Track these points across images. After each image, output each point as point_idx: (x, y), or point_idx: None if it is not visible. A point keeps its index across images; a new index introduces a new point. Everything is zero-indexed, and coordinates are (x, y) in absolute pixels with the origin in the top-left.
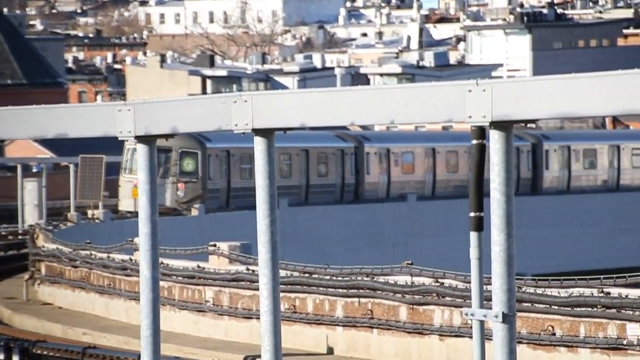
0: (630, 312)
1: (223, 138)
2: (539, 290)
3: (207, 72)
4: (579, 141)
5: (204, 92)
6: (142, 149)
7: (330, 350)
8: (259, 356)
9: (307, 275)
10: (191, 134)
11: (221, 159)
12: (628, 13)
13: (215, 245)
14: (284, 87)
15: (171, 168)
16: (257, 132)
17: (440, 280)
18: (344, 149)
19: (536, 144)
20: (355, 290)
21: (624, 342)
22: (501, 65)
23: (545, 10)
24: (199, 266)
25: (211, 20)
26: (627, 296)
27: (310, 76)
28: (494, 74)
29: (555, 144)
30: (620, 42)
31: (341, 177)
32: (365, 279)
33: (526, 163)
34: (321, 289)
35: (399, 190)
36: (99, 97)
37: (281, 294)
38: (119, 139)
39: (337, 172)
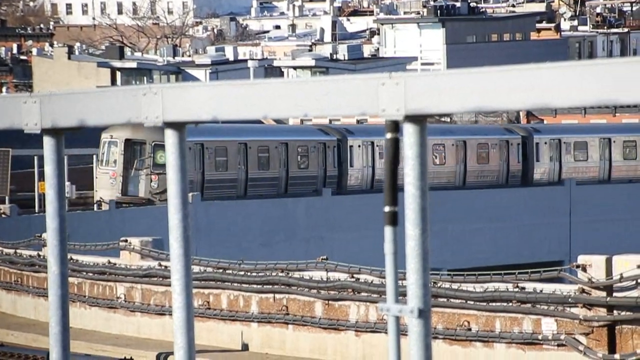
0: (545, 307)
1: (198, 132)
2: (455, 286)
3: (117, 64)
4: (570, 134)
5: (113, 84)
6: (48, 142)
7: (245, 347)
8: (172, 353)
9: (221, 270)
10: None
11: (195, 152)
12: (541, 7)
13: (126, 241)
14: (195, 79)
15: (145, 160)
16: (168, 125)
17: (355, 275)
18: (327, 142)
19: (527, 137)
20: (270, 286)
21: (539, 337)
22: (415, 58)
23: (458, 4)
24: (110, 262)
25: (120, 12)
26: (541, 291)
27: (223, 69)
28: (408, 67)
29: (546, 137)
30: (533, 36)
31: (323, 170)
32: (280, 274)
33: (516, 156)
34: (235, 284)
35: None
36: (4, 89)
37: (195, 290)
38: (25, 131)
39: (319, 164)
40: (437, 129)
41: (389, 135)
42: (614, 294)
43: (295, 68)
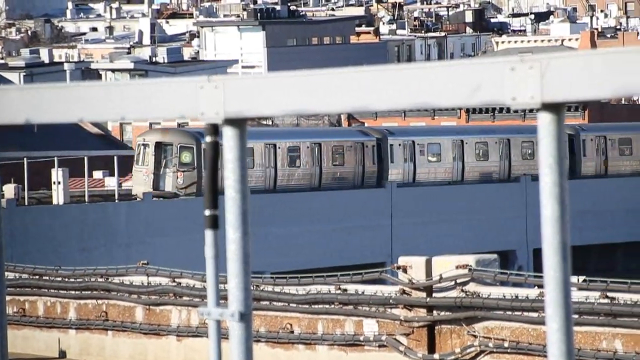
0: (367, 309)
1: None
2: (277, 288)
3: None
4: (615, 131)
5: None
6: None
7: (62, 354)
8: None
9: (37, 277)
10: (189, 131)
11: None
12: (360, 11)
13: None
14: (9, 82)
15: (172, 160)
16: None
17: (177, 280)
18: (364, 142)
19: (574, 135)
20: (89, 292)
21: (361, 339)
22: (236, 61)
23: (278, 7)
24: None
25: None
26: (363, 292)
27: (38, 71)
28: (228, 70)
29: (592, 134)
30: (353, 39)
31: (362, 166)
32: (100, 279)
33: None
34: (52, 291)
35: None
36: None
37: (9, 297)
38: None
39: (357, 161)
40: (477, 129)
41: (208, 139)
42: (434, 295)
43: (113, 71)
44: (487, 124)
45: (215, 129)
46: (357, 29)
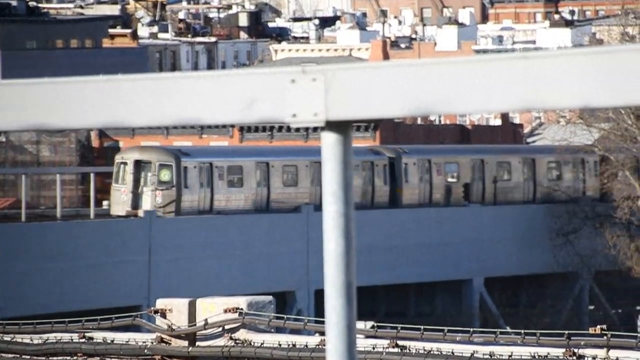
0: None
1: (204, 152)
2: (7, 337)
3: None
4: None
5: None
6: None
7: None
8: None
9: None
10: (168, 149)
11: (200, 170)
12: (114, 10)
13: None
14: None
15: (151, 178)
16: None
17: None
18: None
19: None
20: None
21: None
22: None
23: (14, 3)
24: None
25: None
26: (113, 341)
27: None
28: None
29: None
30: (106, 43)
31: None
32: None
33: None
34: None
35: None
36: None
37: None
38: None
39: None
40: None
41: None
42: (197, 344)
43: None
44: (265, 144)
45: None
46: (111, 31)
